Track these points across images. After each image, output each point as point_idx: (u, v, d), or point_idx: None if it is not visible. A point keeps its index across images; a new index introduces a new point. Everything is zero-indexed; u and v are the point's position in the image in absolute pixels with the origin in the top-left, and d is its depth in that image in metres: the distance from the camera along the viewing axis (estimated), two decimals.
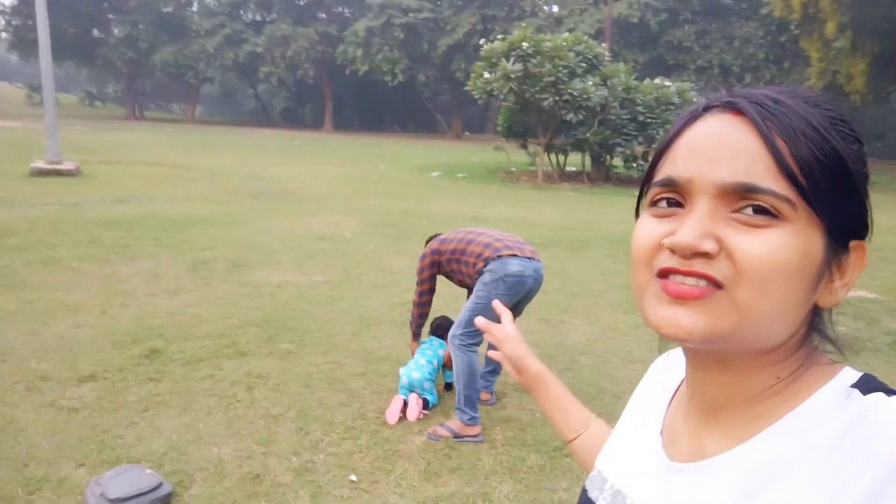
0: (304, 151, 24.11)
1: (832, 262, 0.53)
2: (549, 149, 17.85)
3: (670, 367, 0.71)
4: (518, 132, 17.94)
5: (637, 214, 0.60)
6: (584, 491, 0.72)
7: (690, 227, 0.50)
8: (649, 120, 16.13)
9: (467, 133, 43.93)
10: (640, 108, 16.26)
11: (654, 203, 0.56)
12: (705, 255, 0.50)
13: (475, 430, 3.38)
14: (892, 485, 0.45)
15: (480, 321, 1.04)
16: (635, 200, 0.61)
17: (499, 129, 18.60)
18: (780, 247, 0.49)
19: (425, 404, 3.66)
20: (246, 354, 4.39)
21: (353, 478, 2.97)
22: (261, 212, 10.41)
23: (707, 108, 0.55)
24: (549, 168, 18.28)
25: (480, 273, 3.45)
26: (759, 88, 0.54)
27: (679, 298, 0.51)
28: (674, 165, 0.54)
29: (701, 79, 28.39)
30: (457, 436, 3.33)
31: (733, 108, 0.52)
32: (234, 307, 5.42)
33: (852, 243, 0.53)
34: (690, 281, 0.51)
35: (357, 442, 3.30)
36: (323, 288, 6.22)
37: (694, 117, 0.55)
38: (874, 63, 22.91)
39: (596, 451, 0.82)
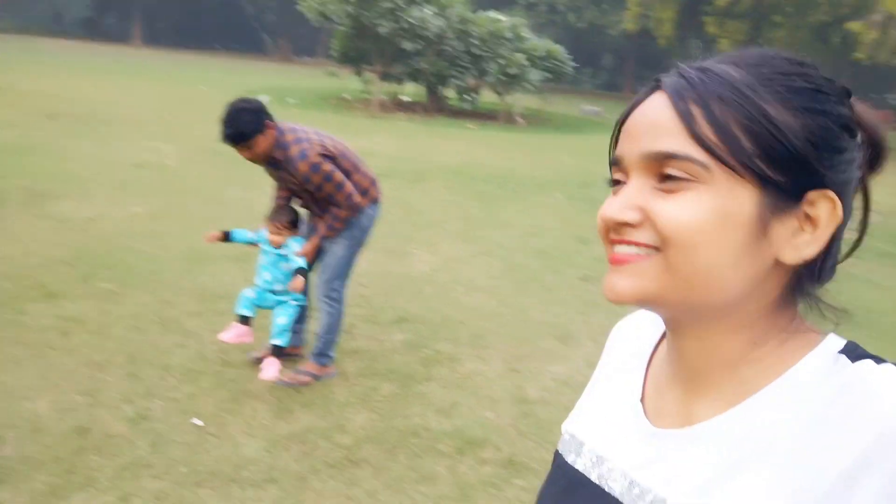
0: (112, 68, 21.38)
1: (778, 216, 0.52)
2: (384, 77, 17.51)
3: (640, 335, 0.69)
4: (353, 58, 17.32)
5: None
6: (558, 454, 0.70)
7: (614, 201, 0.55)
8: (483, 53, 16.36)
9: (298, 56, 41.65)
10: (474, 41, 16.41)
11: (614, 182, 0.59)
12: (629, 225, 0.53)
13: (332, 368, 3.31)
14: (884, 455, 0.46)
15: None
16: (472, 132, 0.59)
17: (332, 53, 17.81)
18: (692, 208, 0.51)
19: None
20: (56, 296, 3.88)
21: (198, 422, 2.79)
22: (61, 135, 9.11)
23: (650, 91, 0.57)
24: (385, 97, 18.00)
25: (359, 211, 3.16)
26: (711, 59, 0.56)
27: (614, 264, 0.55)
28: (618, 147, 0.58)
29: (530, 15, 29.19)
30: (316, 377, 3.24)
31: (660, 86, 0.55)
32: (36, 243, 4.74)
33: (811, 195, 0.51)
34: (622, 248, 0.54)
35: (199, 385, 3.09)
36: (144, 221, 5.66)
37: (638, 101, 0.57)
38: (681, 11, 25.10)
39: None
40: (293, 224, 3.19)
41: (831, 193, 0.51)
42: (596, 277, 5.28)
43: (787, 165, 0.51)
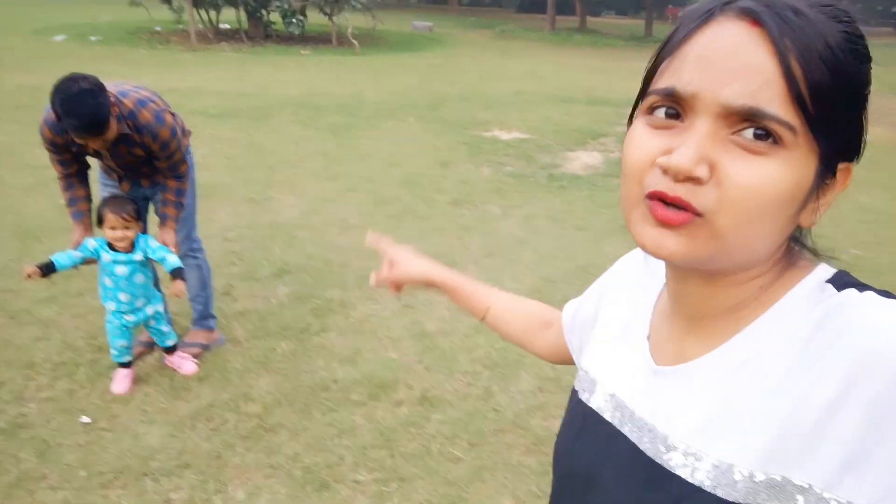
0: None
1: (819, 186, 0.51)
2: (197, 4, 15.94)
3: (651, 271, 0.69)
4: None
5: (630, 120, 0.56)
6: (575, 392, 0.71)
7: (688, 150, 0.48)
8: None
9: None
10: None
11: (650, 110, 0.52)
12: (696, 181, 0.48)
13: (217, 332, 3.13)
14: (862, 378, 0.46)
15: (375, 241, 1.08)
16: (307, 59, 0.54)
17: None
18: (773, 177, 0.48)
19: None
20: None
21: (86, 419, 2.55)
22: None
23: (723, 10, 0.50)
24: (202, 26, 16.45)
25: (178, 161, 2.69)
26: None
27: (664, 223, 0.50)
28: (678, 75, 0.50)
29: None
30: (206, 347, 3.05)
31: (751, 16, 0.48)
32: None
33: (840, 166, 0.51)
34: (673, 210, 0.50)
35: (75, 379, 2.80)
36: None
37: (706, 20, 0.50)
38: None
39: (501, 324, 0.97)
40: (138, 214, 2.60)
41: (851, 165, 0.52)
42: (465, 200, 5.39)
43: (848, 135, 0.50)
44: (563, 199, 5.55)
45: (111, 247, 2.57)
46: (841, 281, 0.53)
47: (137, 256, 2.60)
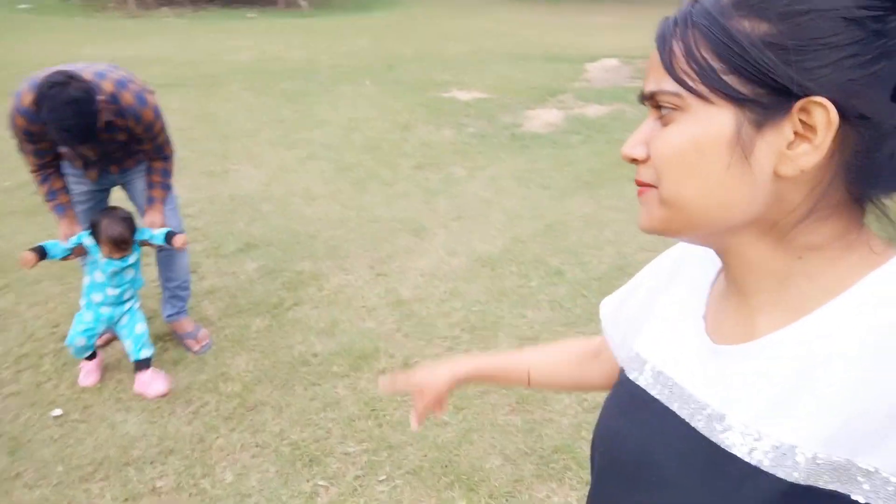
0: None
1: (764, 132, 0.50)
2: None
3: (706, 253, 0.67)
4: None
5: None
6: (622, 371, 0.71)
7: (630, 138, 0.59)
8: None
9: None
10: None
11: None
12: (637, 161, 0.58)
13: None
14: None
15: (391, 386, 1.05)
16: (254, 22, 0.53)
17: None
18: (680, 135, 0.53)
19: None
20: None
21: (57, 412, 2.46)
22: None
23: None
24: None
25: (163, 141, 2.55)
26: None
27: (639, 196, 0.59)
28: None
29: None
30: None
31: (671, 21, 0.56)
32: None
33: (801, 103, 0.49)
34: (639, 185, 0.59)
35: (40, 370, 2.69)
36: None
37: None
38: None
39: (548, 378, 0.96)
40: (133, 229, 2.46)
41: (820, 99, 0.48)
42: (429, 163, 5.32)
43: (756, 79, 0.49)
44: (526, 159, 5.52)
45: None
46: None
47: (133, 258, 2.51)
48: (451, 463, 2.27)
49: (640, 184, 0.58)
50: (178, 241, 2.53)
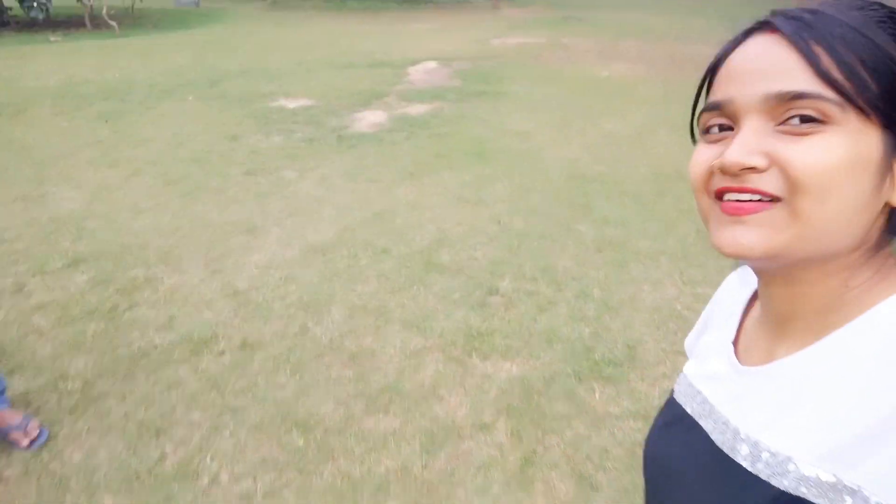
0: None
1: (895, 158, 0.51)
2: None
3: (745, 280, 0.72)
4: None
5: (693, 139, 0.62)
6: (672, 391, 0.76)
7: (735, 145, 0.52)
8: None
9: None
10: None
11: (706, 130, 0.58)
12: (755, 170, 0.51)
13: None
14: None
15: None
16: (59, 46, 0.59)
17: None
18: (829, 151, 0.49)
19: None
20: None
21: None
22: None
23: (748, 33, 0.56)
24: None
25: None
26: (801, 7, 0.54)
27: (736, 215, 0.52)
28: (717, 90, 0.56)
29: None
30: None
31: (769, 26, 0.54)
32: None
33: None
34: (745, 196, 0.52)
35: None
36: None
37: (736, 43, 0.57)
38: None
39: None
40: None
41: None
42: (259, 169, 5.51)
43: None
44: (354, 156, 5.89)
45: None
46: None
47: None
48: (289, 414, 2.57)
49: (756, 191, 0.51)
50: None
